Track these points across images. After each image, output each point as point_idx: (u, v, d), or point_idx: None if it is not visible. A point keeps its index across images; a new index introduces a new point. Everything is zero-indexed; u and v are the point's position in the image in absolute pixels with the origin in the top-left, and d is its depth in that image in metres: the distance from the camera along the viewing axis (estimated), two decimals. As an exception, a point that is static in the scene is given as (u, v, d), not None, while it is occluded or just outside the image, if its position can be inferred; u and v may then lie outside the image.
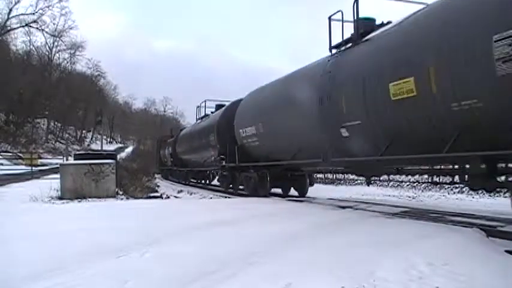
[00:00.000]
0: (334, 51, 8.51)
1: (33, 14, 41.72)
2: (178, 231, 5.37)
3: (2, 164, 26.90)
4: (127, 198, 11.63)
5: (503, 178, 5.67)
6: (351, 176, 19.46)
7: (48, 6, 41.99)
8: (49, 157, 37.56)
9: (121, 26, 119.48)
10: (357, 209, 8.34)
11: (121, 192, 12.68)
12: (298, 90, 9.13)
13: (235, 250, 4.23)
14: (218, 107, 17.37)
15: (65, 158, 22.64)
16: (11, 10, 40.23)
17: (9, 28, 41.79)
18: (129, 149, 59.21)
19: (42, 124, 49.07)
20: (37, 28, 43.09)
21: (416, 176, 14.25)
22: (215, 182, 18.14)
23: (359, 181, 18.81)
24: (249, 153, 12.13)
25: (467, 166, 5.89)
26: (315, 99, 8.30)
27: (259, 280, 3.23)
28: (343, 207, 8.37)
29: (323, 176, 20.47)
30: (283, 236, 4.93)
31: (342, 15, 8.06)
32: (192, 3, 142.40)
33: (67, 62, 52.62)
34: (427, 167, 9.29)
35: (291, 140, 9.66)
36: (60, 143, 50.50)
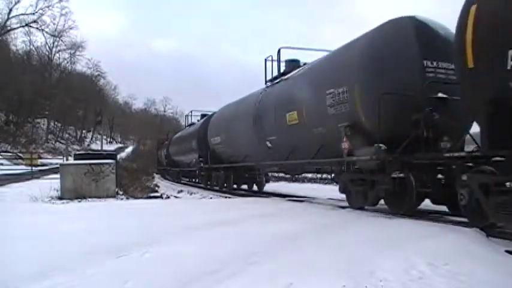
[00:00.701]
0: (268, 84, 11.68)
1: (33, 14, 41.74)
2: (178, 231, 5.37)
3: (2, 164, 26.90)
4: (127, 198, 11.64)
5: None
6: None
7: (48, 6, 42.00)
8: (49, 157, 37.55)
9: (121, 26, 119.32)
10: (355, 209, 8.32)
11: (121, 192, 12.69)
12: (242, 112, 12.67)
13: (235, 250, 4.23)
14: (202, 116, 20.54)
15: (65, 158, 22.63)
16: (11, 10, 40.26)
17: (9, 28, 41.79)
18: (129, 149, 59.27)
19: (42, 124, 49.06)
20: (37, 28, 43.09)
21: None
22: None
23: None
24: (218, 156, 15.24)
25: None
26: (251, 120, 11.68)
27: (260, 280, 3.23)
28: (343, 207, 8.35)
29: (323, 176, 20.67)
30: (284, 236, 4.93)
31: (272, 58, 11.42)
32: (192, 3, 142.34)
33: (67, 62, 52.61)
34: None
35: (240, 148, 13.12)
36: (60, 143, 50.49)
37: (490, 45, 4.52)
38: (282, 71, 11.13)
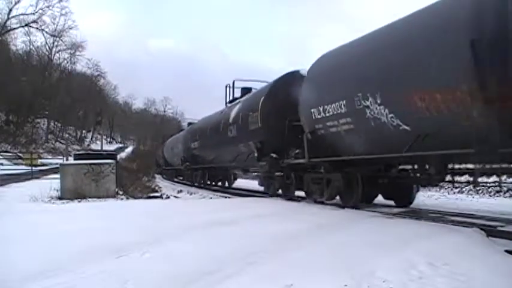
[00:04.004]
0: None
1: (33, 14, 41.82)
2: (178, 231, 5.37)
3: (2, 164, 26.87)
4: (127, 198, 11.63)
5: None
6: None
7: (48, 6, 42.07)
8: (49, 157, 37.56)
9: (121, 25, 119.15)
10: (356, 209, 8.32)
11: (121, 192, 12.68)
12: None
13: (235, 250, 4.23)
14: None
15: (65, 158, 22.63)
16: (11, 10, 40.32)
17: (9, 28, 41.83)
18: (129, 149, 59.20)
19: (42, 124, 49.07)
20: (37, 28, 43.17)
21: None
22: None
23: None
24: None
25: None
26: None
27: (260, 280, 3.23)
28: (343, 207, 8.35)
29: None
30: (284, 236, 4.92)
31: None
32: (192, 2, 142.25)
33: (67, 62, 52.60)
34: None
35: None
36: (60, 143, 50.48)
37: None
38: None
